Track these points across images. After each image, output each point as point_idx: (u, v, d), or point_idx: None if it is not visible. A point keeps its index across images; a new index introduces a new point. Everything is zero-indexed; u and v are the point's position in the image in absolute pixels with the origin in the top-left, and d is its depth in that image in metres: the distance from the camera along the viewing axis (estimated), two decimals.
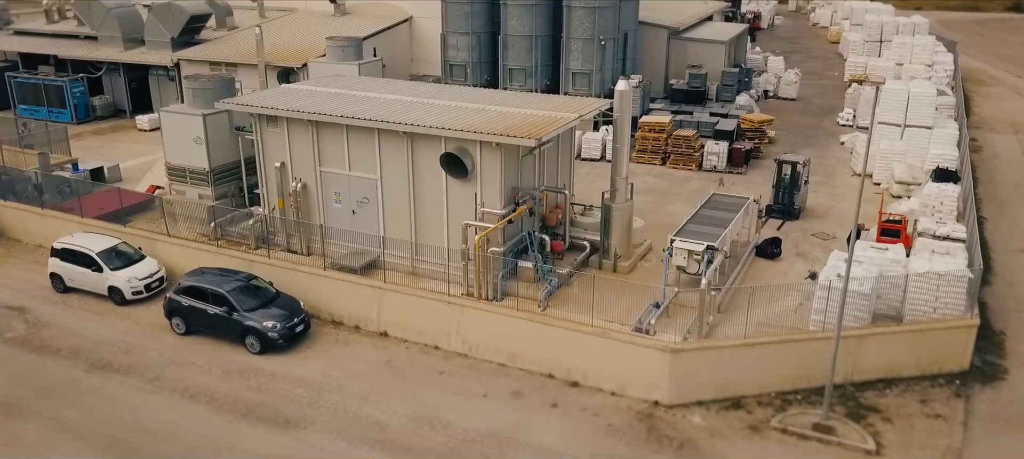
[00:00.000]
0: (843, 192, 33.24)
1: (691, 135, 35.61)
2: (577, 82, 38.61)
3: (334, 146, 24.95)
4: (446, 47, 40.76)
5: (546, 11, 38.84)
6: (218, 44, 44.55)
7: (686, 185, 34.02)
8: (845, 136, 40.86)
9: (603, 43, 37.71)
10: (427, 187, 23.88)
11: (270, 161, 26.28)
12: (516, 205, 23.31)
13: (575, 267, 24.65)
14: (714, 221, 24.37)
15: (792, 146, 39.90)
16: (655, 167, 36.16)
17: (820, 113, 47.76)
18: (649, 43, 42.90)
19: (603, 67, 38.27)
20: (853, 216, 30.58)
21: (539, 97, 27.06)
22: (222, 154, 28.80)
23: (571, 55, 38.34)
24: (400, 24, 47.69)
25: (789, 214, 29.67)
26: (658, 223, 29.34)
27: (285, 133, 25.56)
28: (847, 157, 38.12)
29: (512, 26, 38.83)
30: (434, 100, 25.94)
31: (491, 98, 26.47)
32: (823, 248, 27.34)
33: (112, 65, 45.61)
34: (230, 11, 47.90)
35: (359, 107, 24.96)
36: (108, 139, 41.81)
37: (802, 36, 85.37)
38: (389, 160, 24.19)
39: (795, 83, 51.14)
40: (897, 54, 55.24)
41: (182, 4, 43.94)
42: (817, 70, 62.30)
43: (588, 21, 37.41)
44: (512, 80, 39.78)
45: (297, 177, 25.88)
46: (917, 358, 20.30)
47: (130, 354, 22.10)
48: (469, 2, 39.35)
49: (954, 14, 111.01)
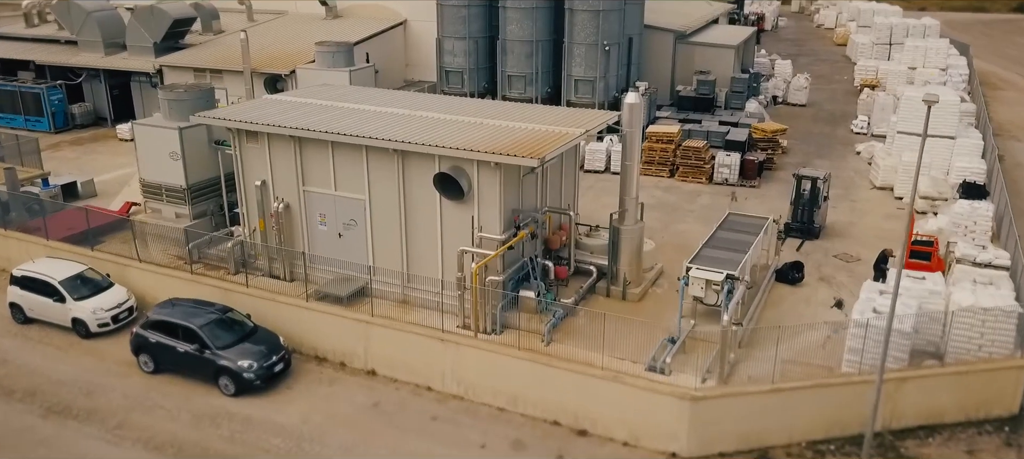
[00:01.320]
0: (864, 207, 31.26)
1: (701, 146, 33.63)
2: (580, 89, 36.62)
3: (318, 164, 22.95)
4: (442, 52, 38.76)
5: (547, 15, 36.84)
6: (203, 49, 42.52)
7: (697, 200, 32.02)
8: (861, 145, 38.90)
9: (607, 48, 35.71)
10: (420, 209, 21.90)
11: (250, 179, 24.27)
12: (517, 229, 21.32)
13: (581, 295, 22.66)
14: (732, 245, 22.41)
15: (805, 156, 37.96)
16: (663, 180, 34.17)
17: (832, 120, 45.80)
18: (654, 48, 40.94)
19: (607, 74, 36.27)
20: (877, 234, 28.85)
21: (541, 109, 25.08)
22: (200, 170, 26.80)
23: (573, 61, 36.35)
24: (394, 28, 45.65)
25: (809, 233, 27.70)
26: (669, 243, 27.36)
27: (266, 149, 23.55)
28: (865, 168, 36.14)
29: (511, 31, 36.83)
30: (428, 113, 23.94)
31: (489, 111, 24.46)
32: (847, 271, 25.38)
33: (93, 71, 43.60)
34: (216, 14, 45.87)
35: (346, 121, 22.96)
36: (86, 150, 39.77)
37: (807, 38, 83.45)
38: (378, 179, 22.19)
39: (805, 88, 49.19)
40: (909, 58, 53.32)
41: (165, 7, 41.92)
42: (826, 74, 60.36)
43: (591, 25, 35.41)
44: (511, 87, 37.79)
45: (279, 197, 23.88)
46: (962, 402, 18.33)
47: (92, 397, 20.06)
48: (466, 5, 37.34)
49: (960, 15, 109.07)
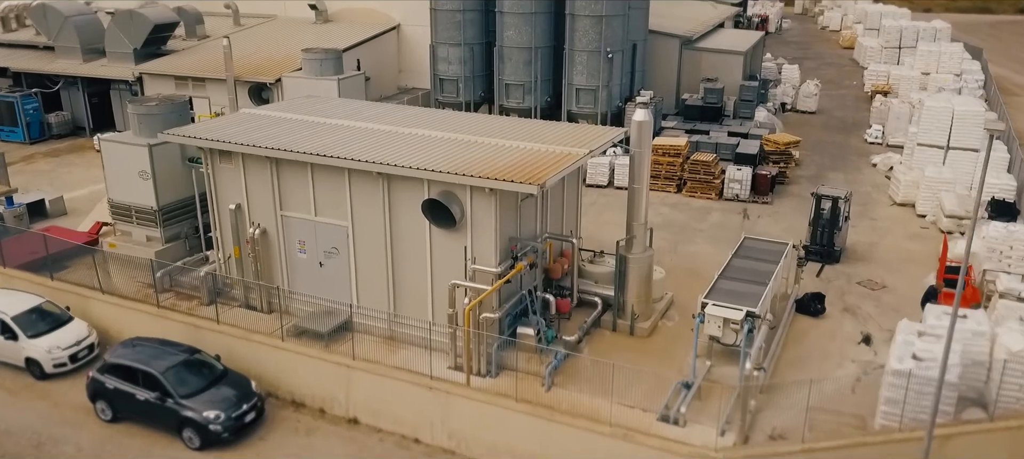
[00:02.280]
0: (885, 225, 29.29)
1: (710, 160, 31.66)
2: (581, 99, 34.65)
3: (297, 186, 20.98)
4: (436, 60, 36.78)
5: (546, 21, 34.85)
6: (185, 56, 40.52)
7: (707, 218, 30.06)
8: (877, 157, 36.95)
9: (610, 56, 33.74)
10: (407, 237, 19.93)
11: (224, 202, 22.30)
12: (515, 260, 19.36)
13: (585, 330, 20.68)
14: (750, 275, 20.44)
15: (819, 169, 36.01)
16: (670, 195, 32.21)
17: (844, 128, 43.85)
18: (659, 54, 38.97)
19: (610, 82, 34.31)
20: (902, 257, 26.88)
21: (540, 125, 23.08)
22: (173, 190, 24.80)
23: (575, 69, 34.38)
24: (387, 33, 43.68)
25: (829, 256, 25.74)
26: (678, 267, 25.41)
27: (241, 170, 21.58)
28: (883, 182, 34.18)
29: (509, 37, 34.85)
30: (417, 130, 21.96)
31: (484, 127, 22.47)
32: (873, 300, 23.41)
33: (70, 79, 41.59)
34: (201, 18, 43.87)
35: (328, 139, 20.98)
36: (62, 162, 37.75)
37: (812, 40, 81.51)
38: (362, 204, 20.22)
39: (815, 95, 47.22)
40: (922, 63, 51.36)
41: (146, 12, 39.93)
42: (834, 79, 58.41)
43: (594, 31, 33.45)
44: (509, 96, 35.82)
45: (255, 222, 21.90)
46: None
47: (41, 449, 18.08)
48: (461, 10, 35.36)
49: (966, 17, 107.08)
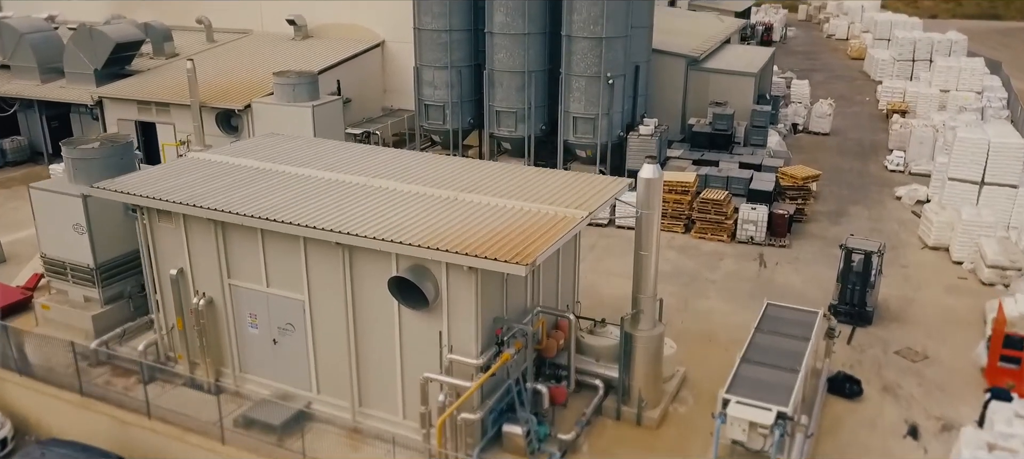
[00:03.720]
0: (918, 275, 26.25)
1: (722, 198, 28.60)
2: (579, 128, 31.59)
3: (247, 253, 17.93)
4: (420, 83, 33.68)
5: (541, 42, 31.78)
6: (150, 77, 37.39)
7: (719, 265, 27.01)
8: (901, 188, 33.91)
9: (611, 81, 30.68)
10: (373, 316, 16.88)
11: (165, 266, 19.24)
12: (500, 346, 16.29)
13: (584, 422, 17.63)
14: (776, 357, 17.34)
15: (839, 202, 32.98)
16: (677, 236, 29.17)
17: (861, 152, 40.83)
18: (663, 74, 35.89)
19: (611, 110, 31.24)
20: (943, 316, 23.71)
21: (532, 176, 19.97)
22: (114, 244, 21.73)
23: (571, 96, 31.30)
24: (369, 51, 40.67)
25: (861, 318, 22.69)
26: (690, 330, 22.39)
27: (182, 231, 18.52)
28: (910, 219, 31.15)
29: (499, 60, 31.77)
30: (389, 182, 18.87)
31: (466, 177, 19.38)
32: (914, 375, 20.37)
33: (27, 101, 38.45)
34: (169, 35, 40.74)
35: (282, 196, 17.91)
36: (12, 194, 34.61)
37: (819, 50, 78.58)
38: (320, 276, 17.18)
39: (828, 115, 44.21)
40: (941, 79, 48.41)
41: (107, 30, 36.79)
42: (845, 94, 55.39)
43: (592, 55, 30.38)
44: (500, 124, 32.73)
45: (200, 290, 18.84)
46: None
47: None
48: (447, 30, 32.27)
49: (974, 23, 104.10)
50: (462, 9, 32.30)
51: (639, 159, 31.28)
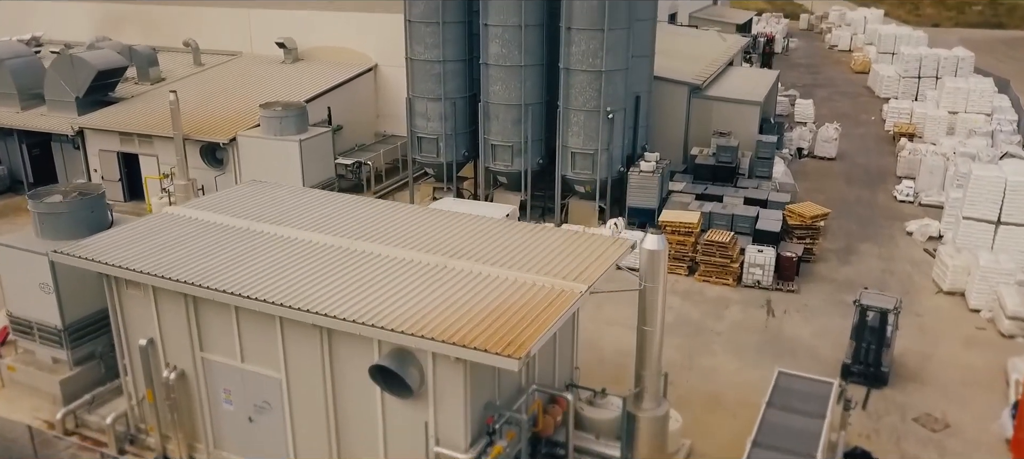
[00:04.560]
0: (934, 325, 25.00)
1: (727, 240, 27.34)
2: (577, 163, 30.32)
3: (220, 326, 16.66)
4: (413, 115, 32.39)
5: (537, 74, 30.49)
6: (133, 106, 36.10)
7: (724, 313, 25.75)
8: (912, 223, 32.66)
9: (610, 116, 29.42)
10: (355, 401, 15.61)
11: (133, 335, 17.97)
12: (491, 436, 15.01)
13: None
14: (790, 439, 16.10)
15: (848, 238, 31.73)
16: (680, 279, 27.90)
17: (869, 180, 39.56)
18: (665, 102, 34.59)
19: (611, 145, 29.97)
20: (963, 376, 22.43)
21: (527, 234, 18.68)
22: (83, 303, 20.40)
23: (570, 130, 30.03)
24: (361, 76, 39.42)
25: (876, 379, 21.43)
26: (695, 392, 21.14)
27: (152, 299, 17.26)
28: (922, 258, 29.93)
29: (495, 92, 30.50)
30: (371, 244, 17.59)
31: (455, 238, 18.08)
32: (936, 447, 19.12)
33: (6, 129, 37.14)
34: (154, 59, 39.42)
35: (256, 265, 16.63)
36: None
37: (822, 62, 77.27)
38: (298, 355, 15.91)
39: (834, 140, 42.95)
40: (949, 101, 47.14)
41: (88, 57, 35.49)
42: (849, 112, 54.15)
43: (591, 88, 29.12)
44: (496, 157, 31.45)
45: (171, 363, 17.57)
46: None
47: None
48: (440, 61, 30.97)
49: (977, 32, 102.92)
50: (456, 39, 31.02)
51: (640, 196, 30.31)
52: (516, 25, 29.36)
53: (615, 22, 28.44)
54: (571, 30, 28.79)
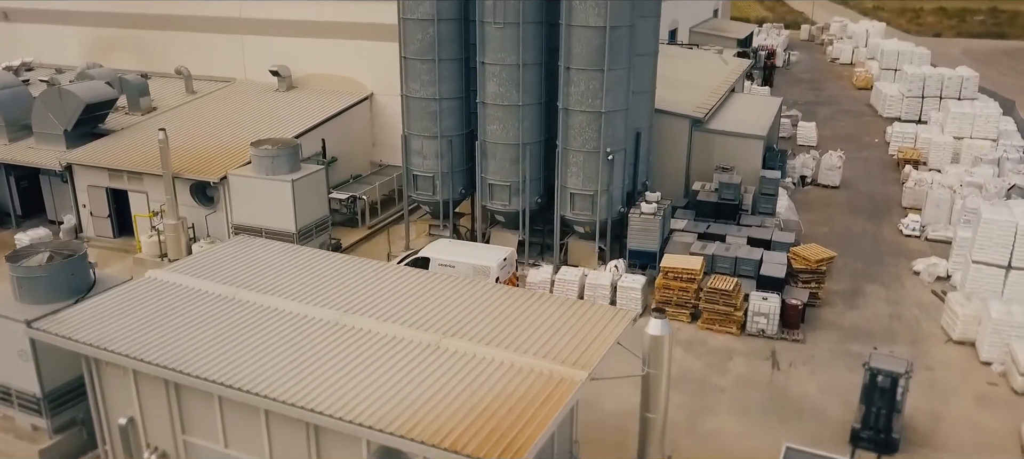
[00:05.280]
0: (945, 380, 24.23)
1: (731, 288, 26.58)
2: (577, 204, 29.56)
3: (202, 410, 15.91)
4: (409, 152, 31.62)
5: (536, 113, 29.75)
6: (122, 140, 35.27)
7: (728, 366, 24.99)
8: (920, 262, 31.89)
9: (610, 157, 28.66)
10: None
11: (113, 413, 17.23)
12: None
13: None
14: None
15: (854, 279, 30.95)
16: (683, 327, 27.11)
17: (874, 210, 38.79)
18: (666, 135, 33.83)
19: (611, 186, 29.22)
20: (977, 440, 21.59)
21: (523, 303, 17.93)
22: (63, 370, 19.52)
23: (569, 171, 29.28)
24: (356, 105, 38.68)
25: (886, 446, 20.67)
26: None
27: (132, 380, 16.50)
28: (930, 301, 29.17)
29: (492, 131, 29.75)
30: (361, 319, 16.82)
31: (449, 309, 17.34)
32: None
33: None
34: (145, 89, 38.63)
35: (241, 346, 15.87)
36: None
37: (823, 77, 76.52)
38: (284, 445, 15.15)
39: (838, 168, 42.19)
40: (955, 126, 46.40)
41: (77, 90, 34.71)
42: (854, 133, 53.39)
43: (591, 129, 28.37)
44: (493, 197, 30.70)
45: (151, 444, 16.82)
46: None
47: None
48: (436, 99, 30.22)
49: (978, 43, 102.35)
50: (452, 76, 30.27)
51: (641, 239, 29.53)
52: (514, 64, 28.62)
53: (615, 62, 27.68)
54: (570, 70, 28.03)
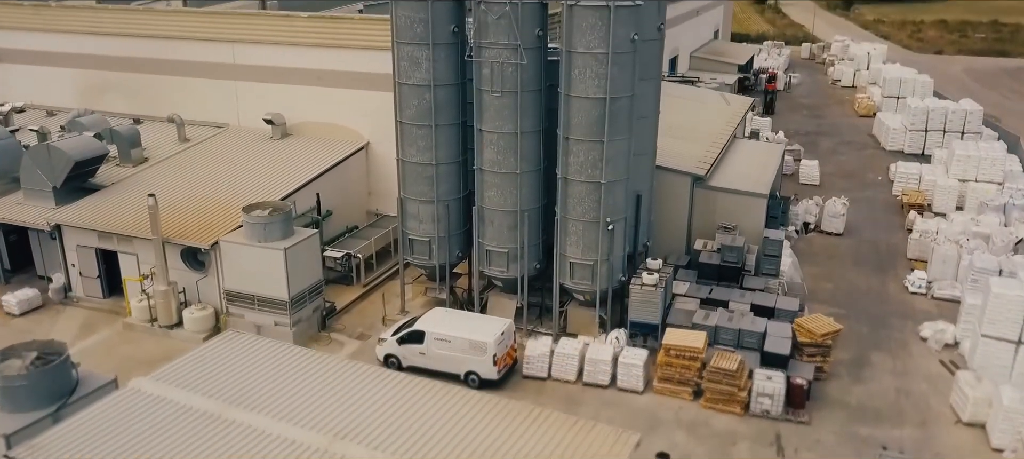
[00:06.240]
0: None
1: (735, 368, 25.89)
2: (576, 273, 28.91)
3: None
4: (405, 216, 30.95)
5: (535, 180, 29.10)
6: (111, 199, 34.44)
7: (732, 453, 24.32)
8: (926, 327, 31.23)
9: (611, 227, 27.99)
10: None
11: None
12: None
13: None
14: None
15: (859, 347, 30.30)
16: (685, 406, 26.45)
17: (879, 262, 38.12)
18: (667, 193, 33.11)
19: (611, 255, 28.54)
20: None
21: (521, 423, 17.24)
22: None
23: (568, 239, 28.61)
24: (352, 156, 37.99)
25: None
26: None
27: None
28: (939, 373, 28.52)
29: (490, 198, 29.09)
30: (350, 446, 16.14)
31: (444, 436, 16.66)
32: None
33: None
34: (137, 139, 37.88)
35: None
36: None
37: (825, 101, 75.81)
38: None
39: (842, 216, 41.51)
40: (960, 169, 45.69)
41: (66, 146, 33.96)
42: (855, 170, 52.70)
43: (591, 199, 27.71)
44: (491, 262, 30.04)
45: None
46: None
47: None
48: (433, 164, 29.56)
49: (980, 61, 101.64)
50: (449, 142, 29.64)
51: (643, 311, 28.84)
52: (512, 132, 27.98)
53: (616, 132, 27.03)
54: (569, 140, 27.37)
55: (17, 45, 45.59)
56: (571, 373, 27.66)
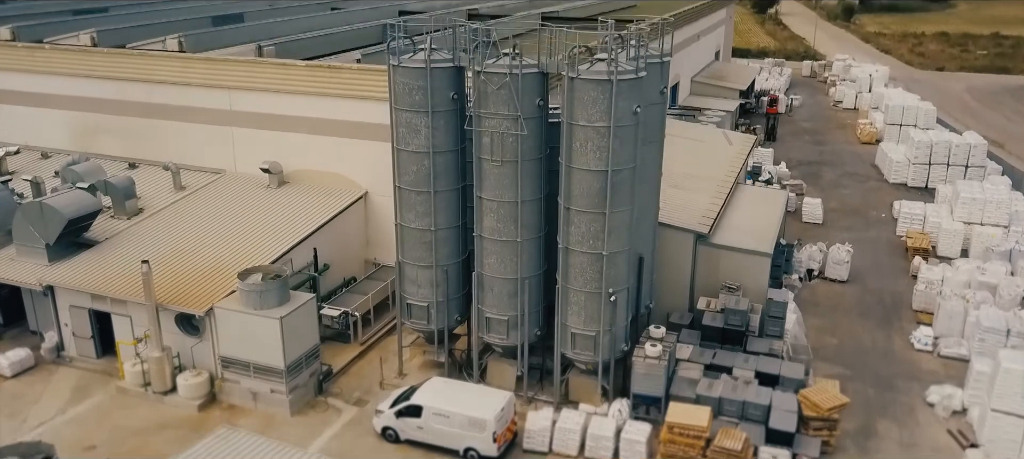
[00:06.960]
0: None
1: (739, 447, 25.38)
2: (578, 343, 28.37)
3: None
4: (403, 280, 30.41)
5: (535, 247, 28.56)
6: (105, 257, 33.78)
7: None
8: (933, 391, 30.69)
9: (613, 298, 27.46)
10: None
11: None
12: None
13: None
14: None
15: (866, 413, 29.80)
16: None
17: (884, 315, 37.59)
18: (669, 249, 32.60)
19: (614, 326, 28.01)
20: None
21: None
22: None
23: (570, 310, 28.08)
24: (350, 207, 37.43)
25: None
26: None
27: None
28: (947, 444, 28.00)
29: (490, 265, 28.56)
30: None
31: None
32: None
33: None
34: (131, 191, 37.25)
35: None
36: None
37: (826, 126, 75.38)
38: None
39: (846, 263, 41.00)
40: (965, 211, 45.21)
41: (57, 204, 33.34)
42: (859, 206, 52.25)
43: (593, 270, 27.17)
44: (491, 329, 29.51)
45: None
46: None
47: None
48: (432, 229, 29.03)
49: (982, 78, 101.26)
50: (448, 207, 29.10)
51: (646, 383, 28.31)
52: (512, 201, 27.45)
53: (618, 203, 26.51)
54: (570, 210, 26.85)
55: (11, 87, 45.03)
56: (573, 448, 27.12)
